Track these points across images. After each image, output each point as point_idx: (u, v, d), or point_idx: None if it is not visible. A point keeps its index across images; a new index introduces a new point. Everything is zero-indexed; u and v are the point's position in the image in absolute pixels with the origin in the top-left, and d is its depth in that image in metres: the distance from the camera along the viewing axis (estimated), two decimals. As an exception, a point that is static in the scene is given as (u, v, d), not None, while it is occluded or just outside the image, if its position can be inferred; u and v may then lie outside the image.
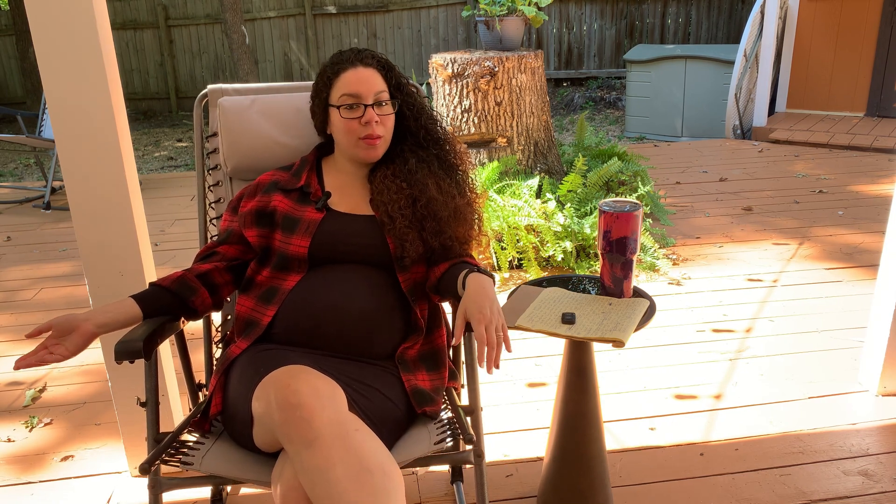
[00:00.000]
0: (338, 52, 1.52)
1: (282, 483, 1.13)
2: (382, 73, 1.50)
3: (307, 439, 1.08)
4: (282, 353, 1.35)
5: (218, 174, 1.80)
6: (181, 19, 8.72)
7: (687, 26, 9.01)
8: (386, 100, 1.48)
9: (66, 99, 1.59)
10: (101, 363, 2.54)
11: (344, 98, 1.46)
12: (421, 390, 1.39)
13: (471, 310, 1.26)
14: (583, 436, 1.60)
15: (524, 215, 3.24)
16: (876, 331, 2.20)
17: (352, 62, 1.48)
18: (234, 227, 1.53)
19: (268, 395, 1.13)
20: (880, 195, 4.31)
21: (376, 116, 1.46)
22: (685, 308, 2.87)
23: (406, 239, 1.43)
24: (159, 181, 5.48)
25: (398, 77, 1.53)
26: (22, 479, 1.94)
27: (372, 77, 1.47)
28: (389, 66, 1.52)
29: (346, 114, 1.46)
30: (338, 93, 1.47)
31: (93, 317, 1.31)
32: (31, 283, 3.42)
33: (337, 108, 1.47)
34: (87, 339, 1.29)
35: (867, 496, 1.76)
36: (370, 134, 1.46)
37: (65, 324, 1.28)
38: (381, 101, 1.47)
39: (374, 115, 1.45)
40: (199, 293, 1.44)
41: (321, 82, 1.51)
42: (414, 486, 1.85)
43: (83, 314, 1.31)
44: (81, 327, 1.29)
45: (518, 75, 3.66)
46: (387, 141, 1.51)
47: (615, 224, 1.50)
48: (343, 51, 1.52)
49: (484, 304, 1.26)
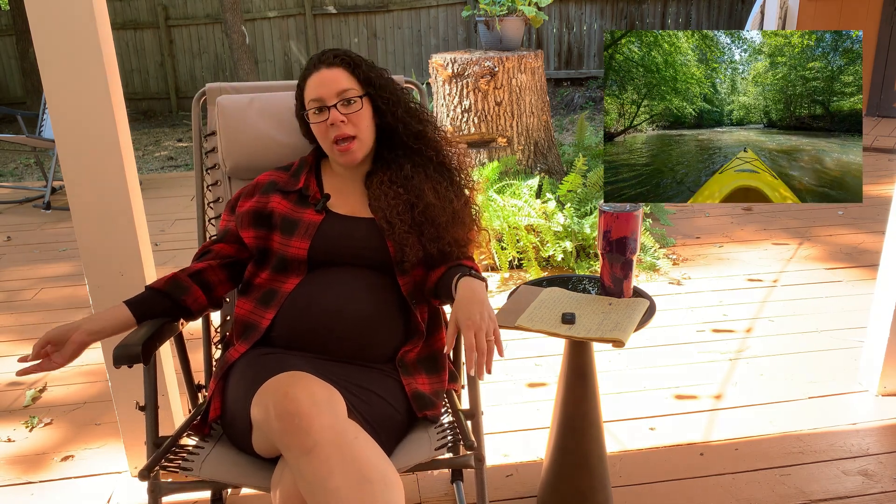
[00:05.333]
0: (309, 58, 1.50)
1: (281, 489, 1.13)
2: (348, 70, 1.46)
3: (305, 447, 1.08)
4: (280, 358, 1.34)
5: (216, 173, 1.80)
6: (181, 19, 8.72)
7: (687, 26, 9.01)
8: (353, 97, 1.45)
9: (66, 99, 1.59)
10: (101, 364, 2.54)
11: (311, 104, 1.46)
12: (421, 394, 1.38)
13: (461, 317, 1.26)
14: (583, 436, 1.60)
15: (524, 215, 3.23)
16: (876, 331, 2.20)
17: (315, 66, 1.46)
18: (231, 226, 1.52)
19: (266, 402, 1.12)
20: (880, 195, 4.31)
21: (341, 116, 1.43)
22: (685, 308, 2.87)
23: (406, 243, 1.42)
24: (159, 181, 5.48)
25: (368, 72, 1.49)
26: (22, 479, 1.94)
27: (334, 77, 1.44)
28: (356, 63, 1.48)
29: (314, 119, 1.46)
30: (307, 99, 1.47)
31: (84, 325, 1.33)
32: (32, 284, 3.42)
33: (307, 115, 1.47)
34: (80, 347, 1.31)
35: (867, 496, 1.76)
36: (339, 135, 1.44)
37: (59, 336, 1.31)
38: (347, 100, 1.44)
39: (337, 116, 1.43)
40: (192, 292, 1.44)
41: (297, 92, 1.52)
42: (414, 485, 1.85)
43: (74, 323, 1.33)
44: (73, 336, 1.31)
45: (518, 75, 3.66)
46: (363, 141, 1.47)
47: (615, 224, 1.50)
48: (312, 55, 1.51)
49: (473, 309, 1.25)
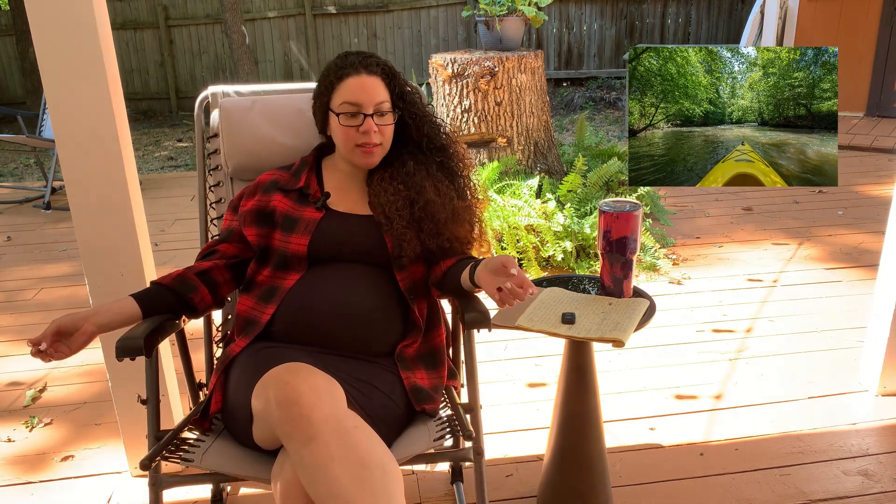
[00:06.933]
0: (343, 55, 1.49)
1: (282, 480, 1.14)
2: (386, 81, 1.48)
3: (306, 436, 1.08)
4: (281, 351, 1.35)
5: (219, 174, 1.80)
6: (181, 19, 8.72)
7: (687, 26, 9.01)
8: (387, 110, 1.46)
9: (66, 99, 1.59)
10: (101, 363, 2.54)
11: (345, 105, 1.45)
12: (420, 388, 1.39)
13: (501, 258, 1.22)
14: (583, 436, 1.60)
15: (524, 215, 3.24)
16: (876, 331, 2.20)
17: (356, 69, 1.45)
18: (234, 225, 1.53)
19: (267, 392, 1.13)
20: (880, 195, 4.31)
21: (375, 127, 1.44)
22: (685, 308, 2.87)
23: (404, 238, 1.44)
24: (159, 181, 5.48)
25: (402, 86, 1.51)
26: (22, 479, 1.94)
27: (375, 86, 1.45)
28: (393, 74, 1.49)
29: (345, 121, 1.45)
30: (339, 99, 1.45)
31: (93, 316, 1.33)
32: (32, 284, 3.42)
33: (337, 114, 1.46)
34: (88, 338, 1.32)
35: (867, 496, 1.76)
36: (367, 142, 1.45)
37: (69, 325, 1.31)
38: (381, 112, 1.45)
39: (372, 126, 1.43)
40: (199, 290, 1.45)
41: (324, 85, 1.49)
42: (414, 485, 1.85)
43: (84, 313, 1.33)
44: (83, 327, 1.31)
45: (518, 75, 3.66)
46: (385, 148, 1.50)
47: (615, 224, 1.50)
48: (349, 53, 1.49)
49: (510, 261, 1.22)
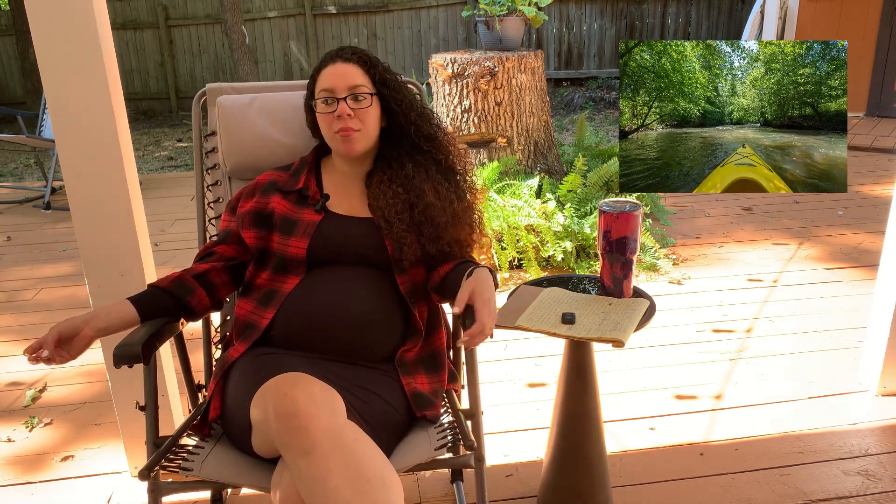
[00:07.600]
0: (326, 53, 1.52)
1: (281, 489, 1.13)
2: (364, 68, 1.48)
3: (305, 448, 1.08)
4: (280, 358, 1.34)
5: (217, 173, 1.80)
6: (181, 19, 8.72)
7: (687, 26, 9.01)
8: (364, 94, 1.46)
9: (66, 99, 1.59)
10: (101, 364, 2.54)
11: (321, 93, 1.46)
12: (420, 394, 1.38)
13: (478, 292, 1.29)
14: (583, 436, 1.60)
15: (524, 215, 3.24)
16: (876, 331, 2.20)
17: (331, 59, 1.48)
18: (232, 227, 1.53)
19: (266, 403, 1.12)
20: (880, 195, 4.31)
21: (348, 110, 1.44)
22: (685, 308, 2.87)
23: (404, 242, 1.43)
24: (159, 181, 5.49)
25: (383, 73, 1.50)
26: (22, 479, 1.94)
27: (348, 71, 1.46)
28: (372, 63, 1.49)
29: (321, 108, 1.47)
30: (317, 89, 1.48)
31: (91, 320, 1.33)
32: (32, 284, 3.42)
33: (316, 105, 1.48)
34: (88, 342, 1.32)
35: (867, 496, 1.76)
36: (343, 126, 1.44)
37: (69, 330, 1.31)
38: (356, 95, 1.45)
39: (345, 109, 1.43)
40: (197, 293, 1.44)
41: (309, 83, 1.53)
42: (414, 485, 1.85)
43: (83, 317, 1.33)
44: (83, 331, 1.31)
45: (518, 75, 3.66)
46: (367, 135, 1.48)
47: (615, 224, 1.50)
48: (330, 50, 1.52)
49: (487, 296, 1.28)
